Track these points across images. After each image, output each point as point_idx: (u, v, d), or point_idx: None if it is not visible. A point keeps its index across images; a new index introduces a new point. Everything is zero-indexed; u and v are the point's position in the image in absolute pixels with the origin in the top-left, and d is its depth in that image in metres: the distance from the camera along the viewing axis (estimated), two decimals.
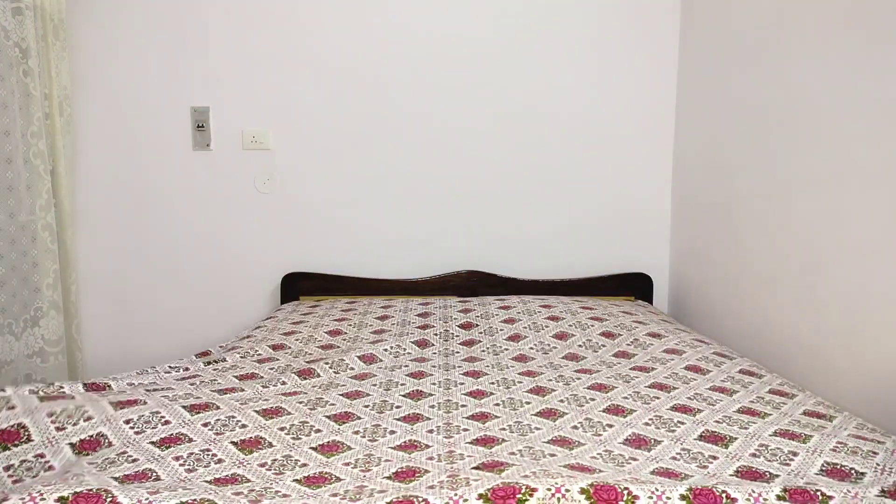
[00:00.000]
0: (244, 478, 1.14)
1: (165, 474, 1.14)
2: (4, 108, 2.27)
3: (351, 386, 1.65)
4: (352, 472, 1.16)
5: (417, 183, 2.85)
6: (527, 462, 1.17)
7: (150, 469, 1.15)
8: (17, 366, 2.34)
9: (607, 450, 1.25)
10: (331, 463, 1.20)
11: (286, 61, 2.78)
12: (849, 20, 1.73)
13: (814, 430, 1.31)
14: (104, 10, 2.74)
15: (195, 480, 1.12)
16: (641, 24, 2.82)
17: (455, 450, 1.25)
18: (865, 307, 1.65)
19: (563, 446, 1.27)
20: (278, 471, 1.17)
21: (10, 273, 2.29)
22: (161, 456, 1.20)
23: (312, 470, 1.17)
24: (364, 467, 1.18)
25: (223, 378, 1.70)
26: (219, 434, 1.30)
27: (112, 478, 1.11)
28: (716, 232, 2.49)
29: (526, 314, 2.28)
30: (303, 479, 1.13)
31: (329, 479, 1.13)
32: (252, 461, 1.21)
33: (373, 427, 1.38)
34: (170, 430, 1.30)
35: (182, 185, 2.81)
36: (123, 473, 1.13)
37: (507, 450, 1.24)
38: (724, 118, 2.42)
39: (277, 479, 1.14)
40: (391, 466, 1.18)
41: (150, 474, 1.13)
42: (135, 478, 1.12)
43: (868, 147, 1.64)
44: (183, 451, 1.22)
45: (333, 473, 1.15)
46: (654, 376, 1.67)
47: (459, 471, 1.14)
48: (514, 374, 1.75)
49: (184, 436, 1.29)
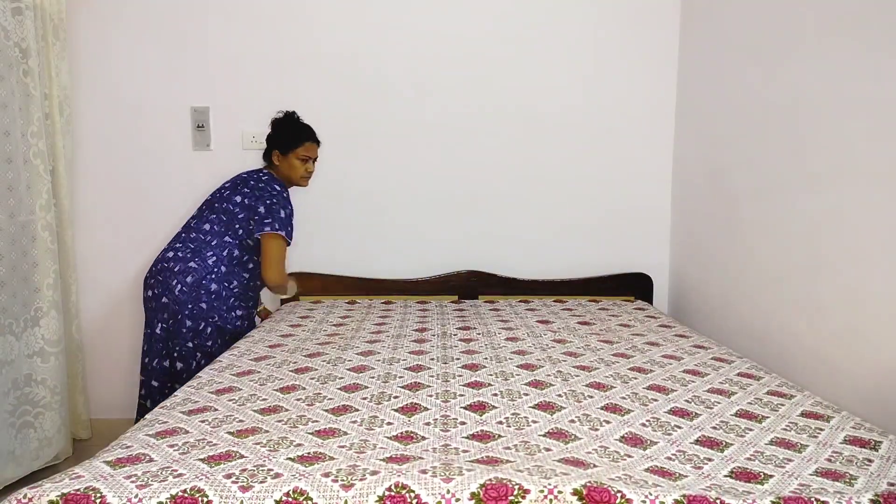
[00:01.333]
0: (238, 454, 1.14)
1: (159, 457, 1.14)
2: (4, 108, 2.27)
3: (349, 379, 1.65)
4: (347, 454, 1.16)
5: (417, 183, 2.85)
6: (522, 457, 1.16)
7: (144, 454, 1.16)
8: (17, 365, 2.34)
9: (603, 445, 1.24)
10: (326, 444, 1.21)
11: (286, 61, 2.78)
12: (849, 20, 1.72)
13: (810, 435, 1.31)
14: (104, 10, 2.74)
15: (188, 460, 1.12)
16: (642, 25, 2.81)
17: (451, 443, 1.25)
18: (865, 307, 1.64)
19: (559, 439, 1.26)
20: (273, 448, 1.18)
21: (10, 273, 2.29)
22: (157, 444, 1.22)
23: (307, 449, 1.18)
24: (359, 450, 1.19)
25: (222, 377, 1.70)
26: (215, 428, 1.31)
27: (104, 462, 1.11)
28: (716, 232, 2.49)
29: (525, 330, 2.27)
30: (297, 457, 1.14)
31: (323, 458, 1.14)
32: (248, 442, 1.22)
33: (370, 418, 1.38)
34: (166, 427, 1.32)
35: (182, 185, 2.82)
36: (116, 457, 1.14)
37: (503, 444, 1.24)
38: (724, 118, 2.41)
39: (271, 455, 1.14)
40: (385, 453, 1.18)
41: (143, 457, 1.14)
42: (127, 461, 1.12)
43: (868, 147, 1.63)
44: (178, 441, 1.23)
45: (327, 454, 1.16)
46: (653, 378, 1.66)
47: (453, 461, 1.14)
48: (512, 366, 1.76)
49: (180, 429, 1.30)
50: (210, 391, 1.58)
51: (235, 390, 1.58)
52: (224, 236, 2.35)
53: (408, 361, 1.80)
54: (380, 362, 1.79)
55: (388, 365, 1.77)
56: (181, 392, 1.58)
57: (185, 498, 0.99)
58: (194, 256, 2.31)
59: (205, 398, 1.52)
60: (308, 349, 1.96)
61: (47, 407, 2.46)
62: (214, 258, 2.31)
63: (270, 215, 2.35)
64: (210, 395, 1.55)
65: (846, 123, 1.72)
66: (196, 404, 1.47)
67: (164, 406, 1.48)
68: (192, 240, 2.37)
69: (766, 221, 2.12)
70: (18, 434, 2.36)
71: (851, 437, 1.29)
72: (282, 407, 1.44)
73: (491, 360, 1.79)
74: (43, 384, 2.44)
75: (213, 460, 1.12)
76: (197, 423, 1.33)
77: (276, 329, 2.23)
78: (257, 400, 1.50)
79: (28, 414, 2.40)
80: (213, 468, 1.09)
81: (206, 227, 2.39)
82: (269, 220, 2.34)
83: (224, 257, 2.33)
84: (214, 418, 1.37)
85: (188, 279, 2.26)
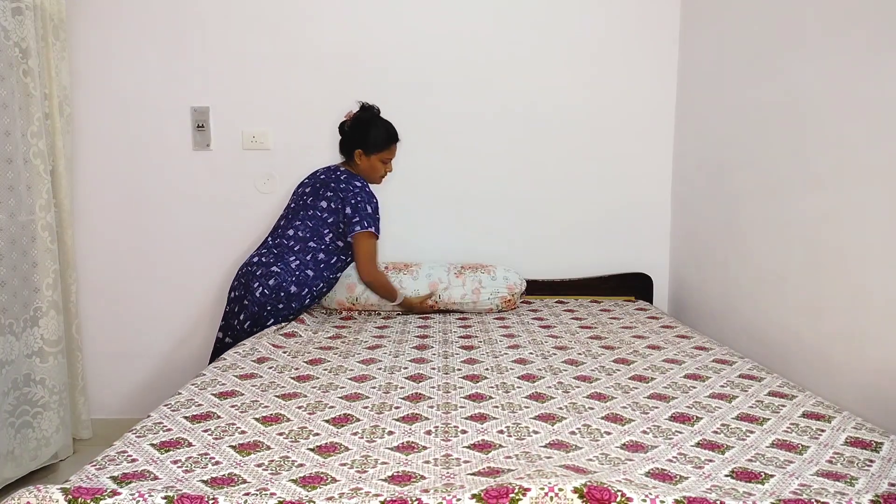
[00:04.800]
0: (241, 478, 1.13)
1: (163, 474, 1.14)
2: (4, 108, 2.27)
3: (350, 388, 1.65)
4: (348, 473, 1.16)
5: (416, 182, 2.85)
6: (522, 464, 1.16)
7: (148, 470, 1.15)
8: (17, 365, 2.34)
9: (604, 453, 1.24)
10: (328, 463, 1.20)
11: (286, 61, 2.78)
12: (849, 21, 1.72)
13: (811, 437, 1.31)
14: (104, 10, 2.74)
15: (191, 480, 1.12)
16: (642, 25, 2.81)
17: (452, 453, 1.25)
18: (866, 306, 1.64)
19: (560, 449, 1.26)
20: (275, 471, 1.17)
21: (10, 273, 2.29)
22: (160, 458, 1.21)
23: (309, 470, 1.17)
24: (360, 468, 1.18)
25: (224, 377, 1.70)
26: (217, 439, 1.31)
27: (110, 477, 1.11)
28: (716, 232, 2.49)
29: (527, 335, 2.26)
30: (298, 479, 1.13)
31: (325, 479, 1.13)
32: (249, 462, 1.21)
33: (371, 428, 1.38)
34: (170, 435, 1.33)
35: (182, 185, 2.82)
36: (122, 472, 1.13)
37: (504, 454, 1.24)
38: (724, 118, 2.41)
39: (273, 479, 1.14)
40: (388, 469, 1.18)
41: (148, 475, 1.14)
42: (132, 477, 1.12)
43: (868, 147, 1.63)
44: (181, 456, 1.23)
45: (329, 474, 1.15)
46: (654, 386, 1.65)
47: (455, 474, 1.14)
48: (514, 377, 1.75)
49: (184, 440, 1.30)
50: (213, 393, 1.58)
51: (238, 395, 1.58)
52: (309, 241, 2.38)
53: (409, 370, 1.80)
54: (381, 371, 1.79)
55: (389, 374, 1.76)
56: (185, 391, 1.58)
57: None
58: (277, 261, 2.34)
59: (208, 401, 1.52)
60: (310, 353, 1.96)
61: (46, 407, 2.46)
62: (297, 262, 2.34)
63: (358, 214, 2.38)
64: (212, 397, 1.55)
65: (846, 123, 1.71)
66: (200, 408, 1.47)
67: (168, 405, 1.48)
68: (276, 245, 2.40)
69: (766, 221, 2.12)
70: (18, 434, 2.36)
71: (853, 439, 1.29)
72: (283, 416, 1.44)
73: (492, 371, 1.78)
74: (42, 384, 2.44)
75: (216, 483, 1.12)
76: (200, 434, 1.33)
77: (282, 329, 2.24)
78: (259, 407, 1.50)
79: (27, 414, 2.40)
80: (216, 491, 1.07)
81: (290, 233, 2.41)
82: (356, 219, 2.38)
83: (308, 261, 2.36)
84: (217, 426, 1.37)
85: (270, 282, 2.29)
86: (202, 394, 1.57)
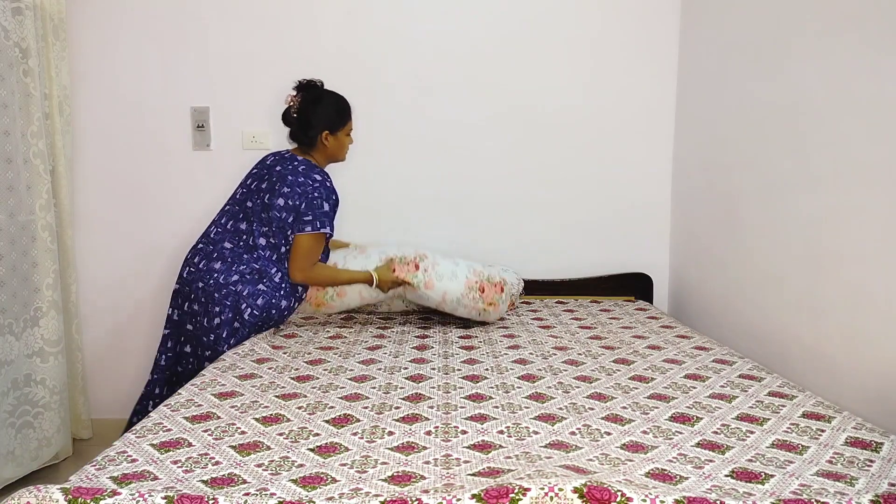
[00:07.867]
0: (241, 478, 1.14)
1: (163, 474, 1.14)
2: (4, 108, 2.27)
3: (350, 388, 1.65)
4: (348, 473, 1.16)
5: (416, 182, 2.85)
6: (522, 464, 1.16)
7: (148, 471, 1.16)
8: (17, 366, 2.34)
9: (604, 453, 1.25)
10: (328, 464, 1.20)
11: (286, 61, 2.78)
12: (849, 20, 1.72)
13: (812, 437, 1.31)
14: (104, 10, 2.74)
15: (191, 480, 1.12)
16: (642, 25, 2.81)
17: (452, 453, 1.25)
18: (866, 306, 1.64)
19: (560, 449, 1.27)
20: (275, 471, 1.17)
21: (10, 273, 2.29)
22: (160, 459, 1.21)
23: (309, 470, 1.17)
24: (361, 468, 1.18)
25: (224, 378, 1.70)
26: (217, 439, 1.31)
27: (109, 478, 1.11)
28: (716, 232, 2.49)
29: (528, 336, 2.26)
30: (299, 479, 1.13)
31: (325, 479, 1.13)
32: (249, 462, 1.21)
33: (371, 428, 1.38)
34: (170, 435, 1.32)
35: (182, 185, 2.81)
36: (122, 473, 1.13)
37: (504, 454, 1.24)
38: (724, 118, 2.41)
39: (273, 479, 1.14)
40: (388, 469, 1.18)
41: (148, 475, 1.14)
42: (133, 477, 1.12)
43: (868, 147, 1.63)
44: (181, 456, 1.23)
45: (329, 474, 1.15)
46: (654, 386, 1.65)
47: (455, 475, 1.14)
48: (514, 377, 1.75)
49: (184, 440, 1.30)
50: (212, 393, 1.58)
51: (237, 395, 1.58)
52: (280, 248, 2.19)
53: (409, 370, 1.80)
54: (381, 371, 1.79)
55: (389, 374, 1.76)
56: (185, 391, 1.58)
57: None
58: (262, 278, 2.15)
59: (208, 402, 1.52)
60: (310, 353, 1.96)
61: (47, 407, 2.46)
62: (280, 273, 2.18)
63: (312, 212, 2.16)
64: (213, 398, 1.55)
65: (846, 123, 1.71)
66: (200, 409, 1.47)
67: (169, 405, 1.48)
68: (255, 259, 2.18)
69: (766, 221, 2.12)
70: (18, 434, 2.36)
71: (853, 439, 1.29)
72: (283, 416, 1.44)
73: (492, 372, 1.78)
74: (42, 384, 2.44)
75: (216, 483, 1.12)
76: (200, 434, 1.33)
77: (281, 330, 2.23)
78: (259, 407, 1.50)
79: (28, 414, 2.40)
80: (216, 492, 1.07)
81: (262, 242, 2.19)
82: (309, 217, 2.15)
83: (287, 270, 2.20)
84: (217, 427, 1.37)
85: (259, 302, 2.13)
86: (202, 394, 1.57)
